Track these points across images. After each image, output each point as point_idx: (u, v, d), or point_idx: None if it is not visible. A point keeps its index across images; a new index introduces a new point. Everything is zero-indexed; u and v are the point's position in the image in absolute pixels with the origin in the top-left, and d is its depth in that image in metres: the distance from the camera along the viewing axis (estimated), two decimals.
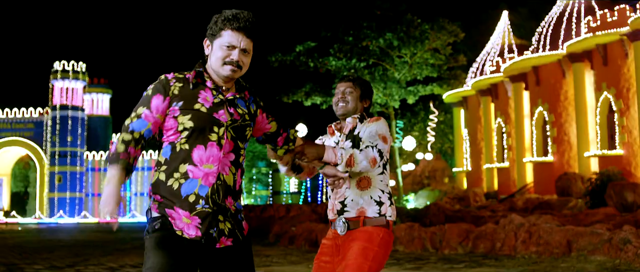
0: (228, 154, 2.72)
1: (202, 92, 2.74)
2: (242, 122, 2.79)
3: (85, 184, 47.55)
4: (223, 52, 2.72)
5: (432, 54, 31.01)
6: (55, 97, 47.66)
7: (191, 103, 2.70)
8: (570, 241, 10.92)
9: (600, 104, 25.21)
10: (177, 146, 2.69)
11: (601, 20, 24.51)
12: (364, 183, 3.34)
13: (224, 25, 2.73)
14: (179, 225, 2.65)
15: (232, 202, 2.75)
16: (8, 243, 18.55)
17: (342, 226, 3.30)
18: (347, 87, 3.50)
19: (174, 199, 2.65)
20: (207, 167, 2.67)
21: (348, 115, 3.45)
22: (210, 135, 2.69)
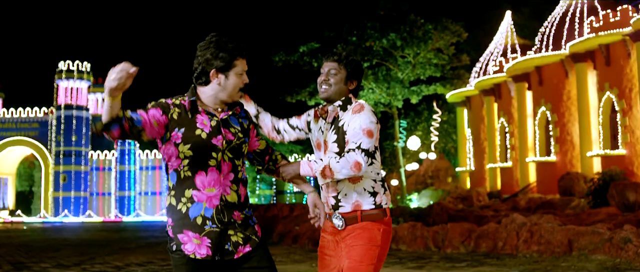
0: (227, 174, 2.88)
1: (198, 116, 2.89)
2: (237, 141, 2.94)
3: (89, 184, 47.72)
4: (238, 78, 2.92)
5: (435, 54, 31.15)
6: (60, 97, 47.85)
7: (192, 130, 2.85)
8: (572, 240, 11.01)
9: (602, 104, 25.28)
10: (181, 173, 2.85)
11: (604, 21, 24.58)
12: (355, 176, 3.18)
13: (234, 56, 2.92)
14: (189, 249, 2.82)
15: (239, 214, 2.92)
16: (14, 242, 18.70)
17: (340, 222, 3.18)
18: (331, 68, 3.27)
19: (184, 221, 2.83)
20: (210, 191, 2.84)
21: (331, 99, 3.26)
22: (210, 161, 2.84)
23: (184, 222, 2.83)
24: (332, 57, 3.29)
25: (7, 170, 50.41)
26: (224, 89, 2.92)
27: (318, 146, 3.30)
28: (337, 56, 3.29)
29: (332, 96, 3.23)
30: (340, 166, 3.03)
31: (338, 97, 3.24)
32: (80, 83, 48.25)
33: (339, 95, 3.24)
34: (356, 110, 3.14)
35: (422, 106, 44.05)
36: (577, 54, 25.99)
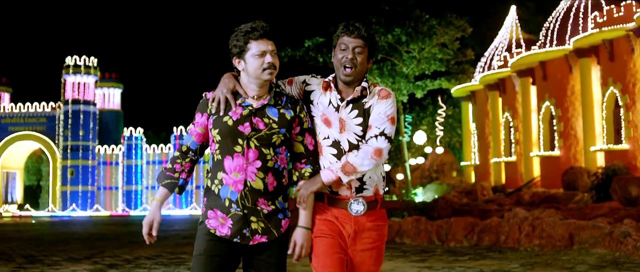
0: (254, 162, 2.98)
1: (238, 107, 3.06)
2: (268, 130, 3.02)
3: (97, 178, 48.06)
4: (257, 60, 3.00)
5: (440, 48, 31.29)
6: (68, 92, 48.16)
7: (222, 117, 3.04)
8: (572, 234, 11.22)
9: (606, 99, 25.41)
10: (214, 156, 3.07)
11: (608, 16, 24.68)
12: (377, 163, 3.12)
13: (247, 39, 3.02)
14: (213, 224, 3.01)
15: (266, 203, 3.00)
16: (24, 236, 18.97)
17: (361, 207, 3.07)
18: (356, 45, 3.09)
19: (217, 201, 3.02)
20: (235, 176, 2.98)
21: (355, 81, 3.11)
22: (235, 146, 3.00)
23: (216, 202, 3.01)
24: (356, 32, 3.09)
25: (16, 164, 50.80)
26: (247, 73, 3.05)
27: (326, 121, 3.13)
28: (363, 31, 3.10)
29: (356, 78, 3.10)
30: (360, 159, 2.99)
31: (360, 78, 3.12)
32: (88, 78, 48.54)
33: (361, 76, 3.12)
34: (384, 96, 3.08)
35: (427, 101, 44.20)
36: (581, 49, 26.11)
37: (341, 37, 3.11)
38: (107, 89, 51.82)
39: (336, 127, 3.10)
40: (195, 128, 3.11)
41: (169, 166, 3.10)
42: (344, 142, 3.09)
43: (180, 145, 3.16)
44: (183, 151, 3.13)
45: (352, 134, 3.08)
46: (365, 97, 3.09)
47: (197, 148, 3.13)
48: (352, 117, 3.08)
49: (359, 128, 3.07)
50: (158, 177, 3.12)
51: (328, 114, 3.13)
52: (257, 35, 3.01)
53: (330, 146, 3.12)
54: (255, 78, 3.04)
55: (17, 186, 51.31)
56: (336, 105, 3.11)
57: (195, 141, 3.12)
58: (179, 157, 3.12)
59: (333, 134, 3.10)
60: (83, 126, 47.60)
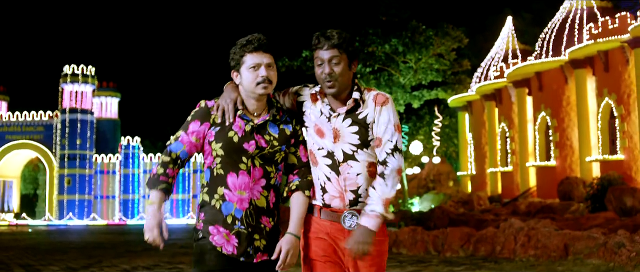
0: (258, 180, 2.94)
1: (237, 119, 2.97)
2: (271, 149, 2.97)
3: (94, 187, 48.04)
4: (251, 74, 2.92)
5: (436, 59, 31.44)
6: (65, 101, 48.18)
7: (226, 131, 2.95)
8: (567, 244, 11.31)
9: (601, 110, 25.57)
10: (214, 170, 2.96)
11: (603, 27, 24.88)
12: (373, 168, 2.98)
13: (242, 52, 2.95)
14: (218, 241, 2.92)
15: (268, 220, 2.96)
16: (21, 245, 18.98)
17: (355, 221, 2.93)
18: (331, 56, 2.92)
19: (218, 216, 2.93)
20: (240, 194, 2.92)
21: (341, 91, 2.96)
22: (240, 164, 2.92)
23: (217, 217, 2.92)
24: (327, 42, 2.93)
25: (12, 173, 50.74)
26: (243, 87, 2.99)
27: (319, 132, 3.01)
28: (334, 40, 2.93)
29: (341, 89, 2.94)
30: (390, 187, 2.89)
31: (346, 87, 2.96)
32: (85, 87, 48.56)
33: (346, 85, 2.96)
34: (381, 102, 2.94)
35: (423, 110, 44.34)
36: (576, 60, 26.29)
37: (315, 51, 2.97)
38: (105, 98, 51.85)
39: (330, 137, 2.97)
40: (189, 137, 2.97)
41: (160, 171, 2.94)
42: (338, 153, 2.97)
43: (169, 151, 2.98)
44: (173, 157, 2.97)
45: (347, 144, 2.95)
46: (359, 106, 2.96)
47: (186, 158, 3.00)
48: (346, 126, 2.95)
49: (355, 137, 2.94)
50: (151, 182, 2.94)
51: (320, 124, 3.01)
52: (251, 48, 2.94)
53: (325, 157, 3.00)
54: (251, 92, 2.97)
55: (14, 195, 51.24)
56: (328, 116, 2.99)
57: (186, 150, 2.98)
58: (170, 162, 2.96)
59: (327, 145, 2.98)
60: (80, 135, 47.60)
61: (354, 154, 2.95)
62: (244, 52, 2.96)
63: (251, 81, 2.94)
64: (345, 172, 2.96)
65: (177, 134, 3.02)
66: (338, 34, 2.93)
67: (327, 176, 2.98)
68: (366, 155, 2.94)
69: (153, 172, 2.96)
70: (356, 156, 2.94)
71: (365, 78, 30.67)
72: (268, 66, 2.95)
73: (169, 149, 2.99)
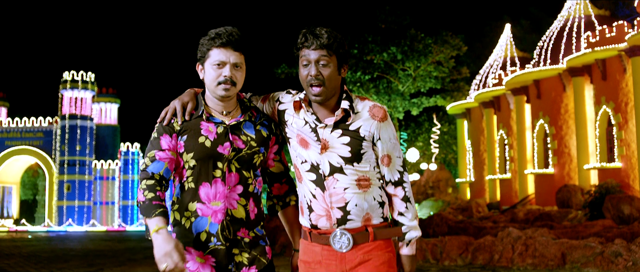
0: (234, 187, 2.63)
1: (203, 123, 2.65)
2: (248, 149, 2.66)
3: (93, 193, 48.09)
4: (214, 71, 2.61)
5: (435, 66, 31.62)
6: (65, 107, 48.27)
7: (195, 137, 2.62)
8: (565, 253, 11.42)
9: (599, 118, 25.71)
10: (185, 184, 2.64)
11: (600, 36, 25.03)
12: (364, 182, 2.64)
13: (209, 45, 2.63)
14: (192, 268, 2.59)
15: (247, 232, 2.66)
16: (22, 252, 18.98)
17: (345, 241, 2.58)
18: (320, 57, 2.57)
19: (188, 237, 2.60)
20: (215, 205, 2.60)
21: (328, 98, 2.62)
22: (215, 171, 2.61)
23: (188, 239, 2.60)
24: (316, 41, 2.58)
25: (12, 179, 50.81)
26: (206, 84, 2.69)
27: (303, 142, 2.66)
28: (324, 39, 2.58)
29: (328, 95, 2.61)
30: (414, 206, 2.70)
31: (334, 93, 2.63)
32: (85, 93, 48.68)
33: (334, 91, 2.62)
34: (381, 117, 2.63)
35: (422, 117, 44.51)
36: (574, 68, 26.44)
37: (301, 50, 2.61)
38: (104, 104, 51.96)
39: (315, 148, 2.62)
40: (166, 153, 2.61)
41: (150, 195, 2.55)
42: (324, 165, 2.61)
43: (150, 174, 2.59)
44: (157, 179, 2.59)
45: (335, 154, 2.60)
46: (348, 116, 2.62)
47: (169, 177, 2.64)
48: (336, 137, 2.61)
49: (345, 149, 2.59)
50: (145, 209, 2.54)
51: (303, 133, 2.66)
52: (219, 42, 2.61)
53: (309, 171, 2.65)
54: (211, 92, 2.66)
55: (13, 201, 51.27)
56: (313, 126, 2.64)
57: (169, 168, 2.62)
58: (156, 184, 2.58)
59: (311, 156, 2.63)
60: (80, 141, 47.69)
61: (341, 167, 2.60)
62: (210, 46, 2.64)
63: (213, 79, 2.63)
64: (330, 186, 2.60)
65: (150, 155, 2.63)
66: (328, 33, 2.59)
67: (312, 192, 2.64)
68: (355, 170, 2.60)
69: (141, 198, 2.57)
70: (344, 169, 2.60)
71: (364, 86, 30.80)
72: (234, 66, 2.63)
73: (149, 172, 2.60)
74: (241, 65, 2.67)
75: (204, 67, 2.67)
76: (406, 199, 2.69)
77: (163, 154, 2.62)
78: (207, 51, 2.65)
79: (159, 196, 2.57)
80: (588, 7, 28.34)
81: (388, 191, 2.70)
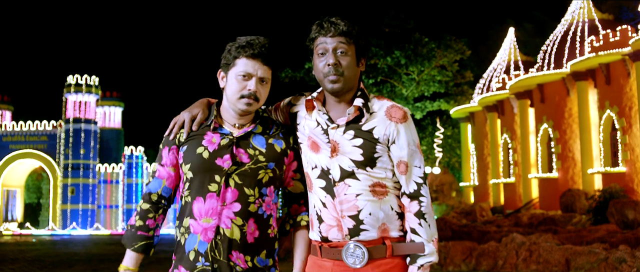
0: (231, 204, 2.40)
1: (209, 133, 2.48)
2: (253, 164, 2.44)
3: (97, 196, 48.17)
4: (239, 83, 2.43)
5: (439, 71, 31.65)
6: (69, 111, 48.38)
7: (194, 148, 2.45)
8: (569, 259, 11.44)
9: (603, 122, 25.69)
10: (183, 199, 2.48)
11: (604, 40, 25.03)
12: (379, 188, 2.41)
13: (237, 53, 2.45)
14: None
15: (242, 258, 2.40)
16: (27, 256, 19.06)
17: (359, 255, 2.35)
18: (339, 45, 2.40)
19: (181, 254, 2.45)
20: (206, 222, 2.40)
21: (345, 90, 2.42)
22: (210, 185, 2.41)
23: (180, 256, 2.44)
24: (333, 28, 2.40)
25: (16, 182, 50.94)
26: (225, 94, 2.50)
27: (314, 146, 2.46)
28: (342, 26, 2.40)
29: (346, 87, 2.41)
30: (432, 225, 2.41)
31: (351, 87, 2.44)
32: (89, 97, 48.80)
33: (352, 84, 2.43)
34: (400, 118, 2.41)
35: (426, 121, 44.55)
36: (578, 73, 26.44)
37: (317, 39, 2.44)
38: (108, 107, 52.07)
39: (326, 151, 2.42)
40: (165, 169, 2.51)
41: (139, 223, 2.46)
42: (335, 169, 2.40)
43: (148, 193, 2.50)
44: (153, 200, 2.50)
45: (346, 158, 2.39)
46: (363, 116, 2.41)
47: (170, 195, 2.53)
48: (348, 139, 2.40)
49: (358, 151, 2.38)
50: (127, 238, 2.48)
51: (315, 136, 2.46)
52: (249, 52, 2.43)
53: (319, 177, 2.45)
54: (231, 104, 2.48)
55: (18, 204, 51.40)
56: (325, 127, 2.44)
57: (168, 185, 2.51)
58: (150, 210, 2.48)
59: (322, 161, 2.43)
60: (84, 145, 47.79)
61: (353, 172, 2.39)
62: (238, 54, 2.45)
63: (235, 91, 2.44)
64: (341, 193, 2.38)
65: (153, 168, 2.58)
66: (346, 21, 2.42)
67: (322, 201, 2.42)
68: (368, 175, 2.39)
69: (131, 222, 2.50)
70: (356, 174, 2.38)
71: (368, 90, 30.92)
72: (261, 80, 2.46)
73: (147, 191, 2.52)
74: (268, 81, 2.49)
75: (227, 76, 2.49)
76: (421, 215, 2.38)
77: (163, 170, 2.52)
78: (233, 59, 2.46)
79: (148, 226, 2.47)
80: (592, 11, 28.33)
81: (403, 202, 2.43)
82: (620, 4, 32.66)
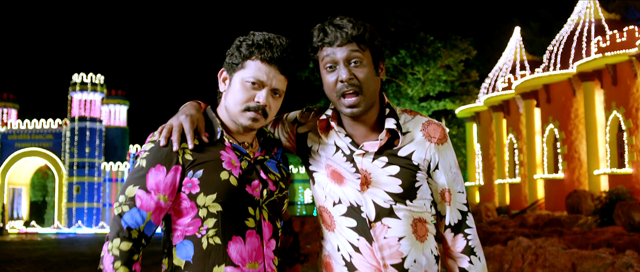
0: (269, 241, 1.96)
1: (223, 151, 1.94)
2: (279, 193, 2.01)
3: (102, 195, 48.33)
4: (246, 91, 1.92)
5: (444, 70, 31.62)
6: (74, 109, 48.52)
7: (215, 172, 1.89)
8: (575, 263, 11.38)
9: (609, 123, 25.60)
10: (204, 240, 1.87)
11: (611, 41, 24.93)
12: (421, 230, 2.02)
13: (250, 52, 1.93)
14: None
15: None
16: (32, 256, 19.10)
17: None
18: (351, 54, 1.93)
19: None
20: (251, 267, 1.90)
21: (367, 111, 1.98)
22: (247, 220, 1.90)
23: None
24: (341, 33, 1.93)
25: (22, 180, 51.12)
26: (226, 101, 1.97)
27: (335, 176, 2.02)
28: (350, 29, 1.93)
29: (368, 105, 1.97)
30: (483, 263, 2.10)
31: (373, 103, 1.99)
32: (94, 95, 48.93)
33: (374, 99, 1.99)
34: (441, 139, 2.03)
35: None
36: (584, 73, 26.34)
37: (321, 50, 1.98)
38: (113, 106, 52.21)
39: (353, 183, 1.99)
40: (152, 198, 1.84)
41: (123, 270, 1.78)
42: (368, 206, 1.98)
43: (125, 229, 1.80)
44: (134, 237, 1.81)
45: (382, 191, 1.98)
46: (396, 138, 2.00)
47: (151, 235, 1.87)
48: (380, 167, 1.98)
49: (395, 183, 1.97)
50: None
51: (336, 164, 2.02)
52: (267, 55, 1.92)
53: (346, 215, 2.01)
54: (232, 115, 1.96)
55: (23, 202, 51.58)
56: (348, 153, 2.01)
57: (153, 221, 1.85)
58: (133, 250, 1.81)
59: (349, 195, 2.00)
60: (89, 143, 47.92)
61: (392, 208, 1.98)
62: (251, 55, 1.94)
63: (240, 101, 1.93)
64: (380, 236, 1.97)
65: (128, 193, 1.85)
66: (354, 21, 1.95)
67: (352, 244, 1.99)
68: (409, 210, 1.99)
69: (106, 269, 1.79)
70: (396, 210, 1.98)
71: None
72: (273, 92, 1.96)
73: (124, 225, 1.82)
74: (281, 94, 1.99)
75: (231, 79, 1.96)
76: (470, 251, 2.04)
77: (148, 198, 1.83)
78: (243, 59, 1.94)
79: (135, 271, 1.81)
80: (598, 11, 28.21)
81: (445, 237, 2.07)
82: (627, 4, 32.50)
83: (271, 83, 1.92)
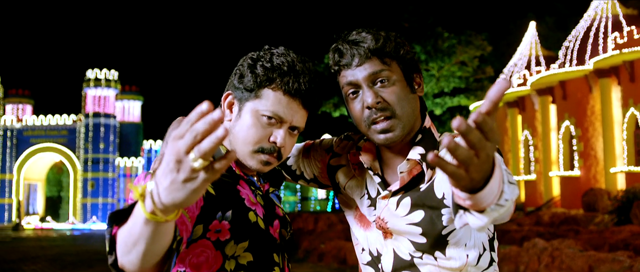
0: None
1: (239, 186, 1.61)
2: (290, 230, 1.73)
3: (116, 190, 48.58)
4: (261, 128, 1.57)
5: (459, 66, 31.40)
6: (88, 105, 48.76)
7: (243, 213, 1.56)
8: (592, 266, 11.25)
9: (626, 120, 25.30)
10: None
11: (628, 37, 24.62)
12: None
13: (269, 79, 1.57)
14: None
15: None
16: (47, 254, 19.21)
17: None
18: (373, 72, 1.57)
19: None
20: None
21: (404, 137, 1.61)
22: (273, 270, 1.60)
23: None
24: (358, 50, 1.58)
25: (37, 176, 51.50)
26: (232, 133, 1.57)
27: (362, 220, 1.72)
28: (370, 43, 1.58)
29: (405, 131, 1.60)
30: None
31: (411, 127, 1.62)
32: (108, 91, 49.13)
33: (411, 124, 1.62)
34: None
35: (445, 117, 44.28)
36: (601, 70, 26.05)
37: (340, 75, 1.62)
38: (127, 101, 52.42)
39: (376, 231, 1.69)
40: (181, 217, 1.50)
41: None
42: (387, 256, 1.66)
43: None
44: None
45: (406, 240, 1.63)
46: (424, 170, 1.60)
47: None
48: (404, 213, 1.62)
49: (416, 231, 1.61)
50: None
51: (362, 206, 1.72)
52: (291, 87, 1.55)
53: (368, 265, 1.72)
54: (240, 153, 1.58)
55: (39, 198, 51.96)
56: (374, 195, 1.68)
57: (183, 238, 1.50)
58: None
59: (371, 242, 1.70)
60: (103, 139, 48.16)
61: (413, 260, 1.62)
62: (271, 81, 1.57)
63: (251, 140, 1.57)
64: None
65: None
66: (373, 33, 1.61)
67: None
68: (439, 266, 1.61)
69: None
70: (418, 264, 1.62)
71: None
72: (291, 131, 1.62)
73: None
74: (300, 131, 1.65)
75: (242, 108, 1.59)
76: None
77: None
78: (259, 87, 1.57)
79: None
80: (616, 6, 27.86)
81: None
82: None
83: (292, 119, 1.58)
